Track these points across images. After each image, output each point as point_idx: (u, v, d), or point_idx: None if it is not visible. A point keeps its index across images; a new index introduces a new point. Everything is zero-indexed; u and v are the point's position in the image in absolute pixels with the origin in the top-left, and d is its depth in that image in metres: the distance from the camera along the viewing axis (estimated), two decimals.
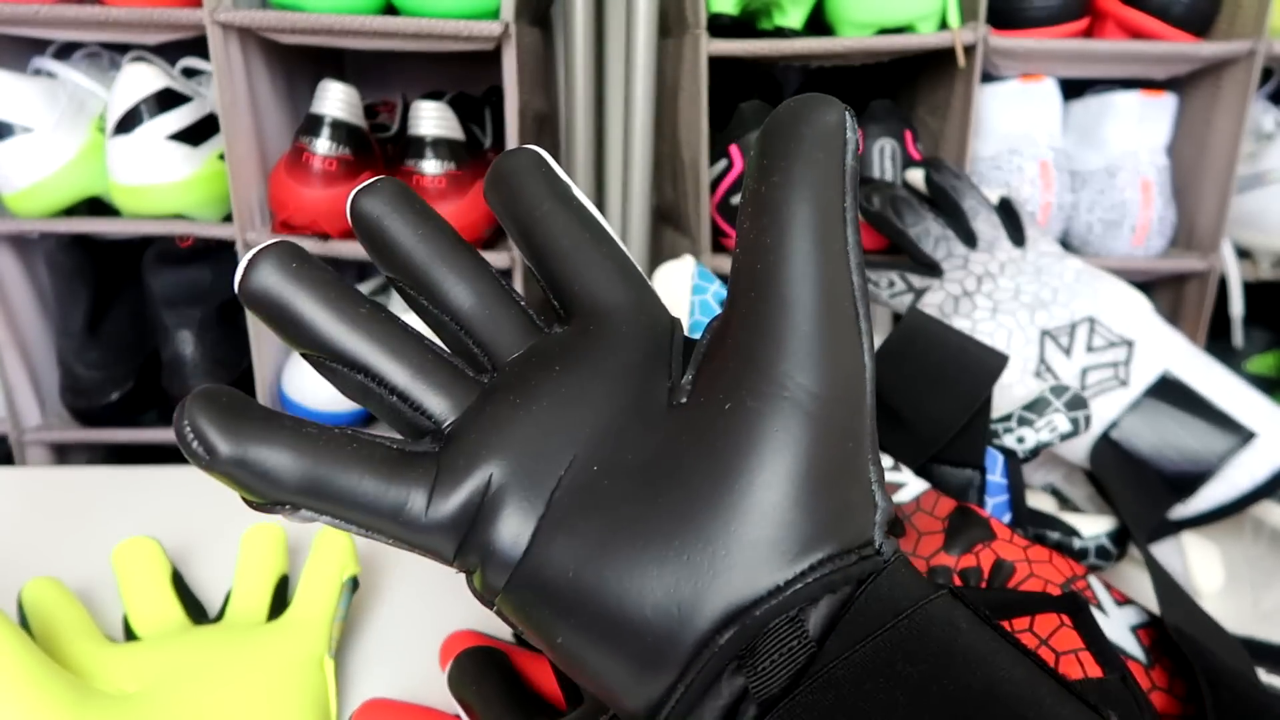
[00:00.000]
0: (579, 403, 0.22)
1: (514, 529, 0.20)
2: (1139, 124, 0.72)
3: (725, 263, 0.72)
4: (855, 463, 0.20)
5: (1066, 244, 0.77)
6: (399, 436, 0.23)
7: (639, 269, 0.24)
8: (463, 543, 0.21)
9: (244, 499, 0.20)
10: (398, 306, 0.75)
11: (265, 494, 0.20)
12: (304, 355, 0.23)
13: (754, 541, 0.19)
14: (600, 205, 0.93)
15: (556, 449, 0.21)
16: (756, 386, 0.20)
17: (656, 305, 0.24)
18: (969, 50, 0.68)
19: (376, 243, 0.24)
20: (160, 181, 0.72)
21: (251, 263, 0.22)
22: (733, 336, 0.21)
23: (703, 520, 0.19)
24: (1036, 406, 0.49)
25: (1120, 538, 0.47)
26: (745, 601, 0.19)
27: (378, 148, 0.77)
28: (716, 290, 0.47)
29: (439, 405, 0.22)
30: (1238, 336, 0.76)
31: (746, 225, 0.21)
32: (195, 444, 0.19)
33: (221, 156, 0.74)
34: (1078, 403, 0.49)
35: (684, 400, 0.21)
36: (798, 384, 0.20)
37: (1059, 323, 0.51)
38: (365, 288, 0.87)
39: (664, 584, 0.19)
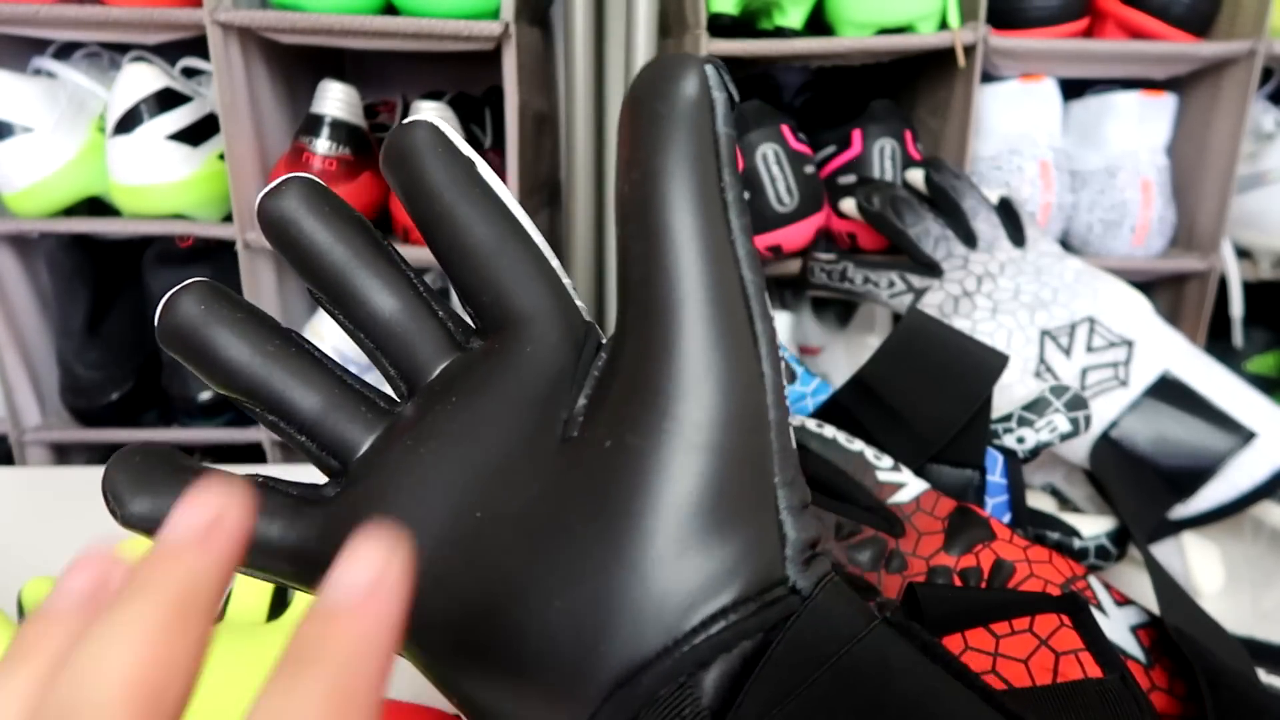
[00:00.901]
0: (469, 441, 0.20)
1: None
2: (1139, 124, 0.72)
3: None
4: (759, 489, 0.18)
5: (1066, 244, 0.77)
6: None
7: (553, 265, 0.22)
8: None
9: None
10: None
11: None
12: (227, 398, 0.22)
13: (640, 598, 0.17)
14: (600, 205, 0.93)
15: (440, 497, 0.19)
16: (639, 420, 0.18)
17: (571, 310, 0.21)
18: (969, 50, 0.68)
19: (288, 248, 0.22)
20: (160, 181, 0.72)
21: (167, 304, 0.21)
22: (620, 358, 0.19)
23: (586, 575, 0.17)
24: (1036, 407, 0.49)
25: (1120, 538, 0.47)
26: (634, 665, 0.17)
27: (377, 148, 0.78)
28: None
29: (345, 444, 0.21)
30: (1238, 336, 0.76)
31: (621, 231, 0.19)
32: (109, 502, 0.20)
33: (221, 156, 0.74)
34: (1078, 403, 0.49)
35: (574, 434, 0.19)
36: (683, 414, 0.18)
37: (1059, 323, 0.51)
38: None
39: (549, 648, 0.17)
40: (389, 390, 0.23)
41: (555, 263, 0.22)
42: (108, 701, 0.13)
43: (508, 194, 0.22)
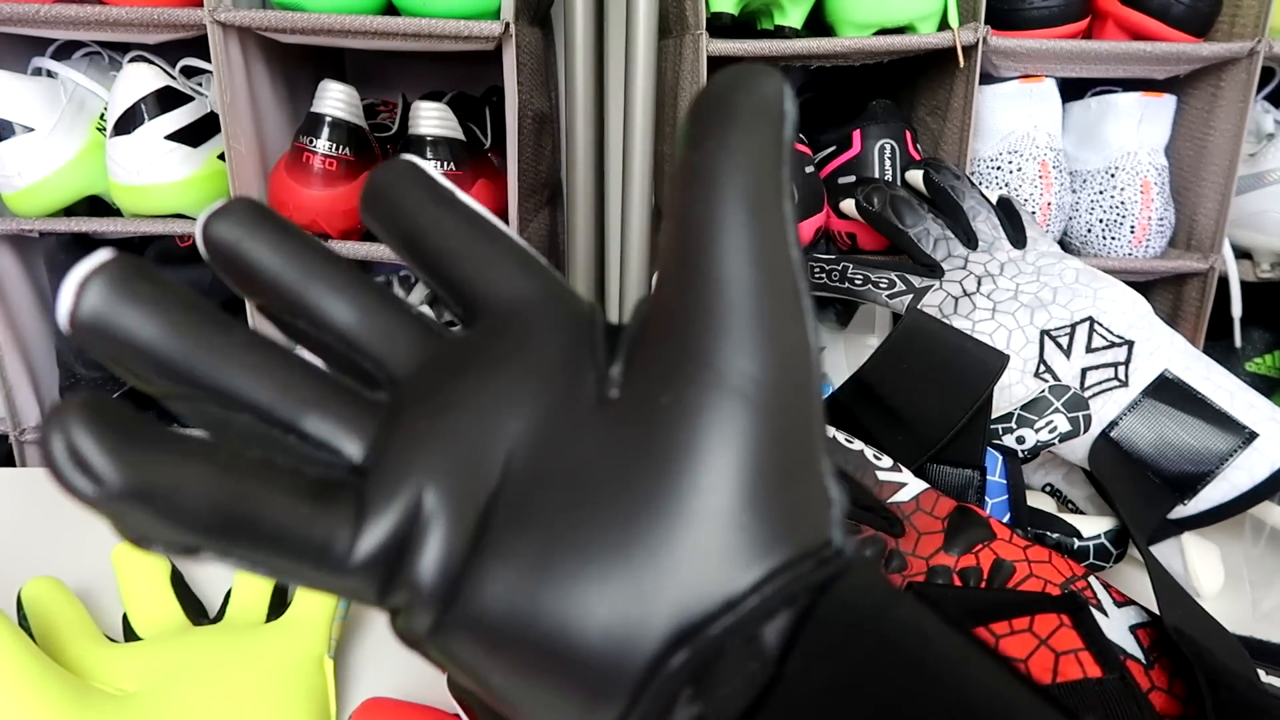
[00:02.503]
0: (502, 408, 0.19)
1: (442, 561, 0.18)
2: (1139, 124, 0.72)
3: None
4: (807, 454, 0.19)
5: (1066, 244, 0.77)
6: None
7: (542, 260, 0.22)
8: (388, 582, 0.18)
9: (123, 535, 0.16)
10: None
11: (162, 536, 0.16)
12: (156, 396, 0.19)
13: (704, 550, 0.17)
14: (600, 205, 0.93)
15: (483, 464, 0.19)
16: (695, 375, 0.18)
17: (567, 293, 0.22)
18: (969, 50, 0.68)
19: (237, 272, 0.21)
20: (160, 181, 0.72)
21: (82, 286, 0.18)
22: (666, 320, 0.19)
23: (647, 529, 0.17)
24: (1036, 407, 0.49)
25: (1120, 538, 0.47)
26: (697, 619, 0.17)
27: (378, 148, 0.77)
28: None
29: (343, 438, 0.19)
30: (1238, 336, 0.76)
31: (678, 198, 0.20)
32: (74, 472, 0.15)
33: (221, 156, 0.74)
34: (1077, 403, 0.49)
35: (615, 394, 0.19)
36: (740, 370, 0.18)
37: (1058, 323, 0.51)
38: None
39: (609, 604, 0.17)
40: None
41: (545, 261, 0.22)
42: None
43: (489, 213, 0.22)
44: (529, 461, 0.19)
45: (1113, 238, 0.73)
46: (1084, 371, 0.49)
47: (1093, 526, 0.47)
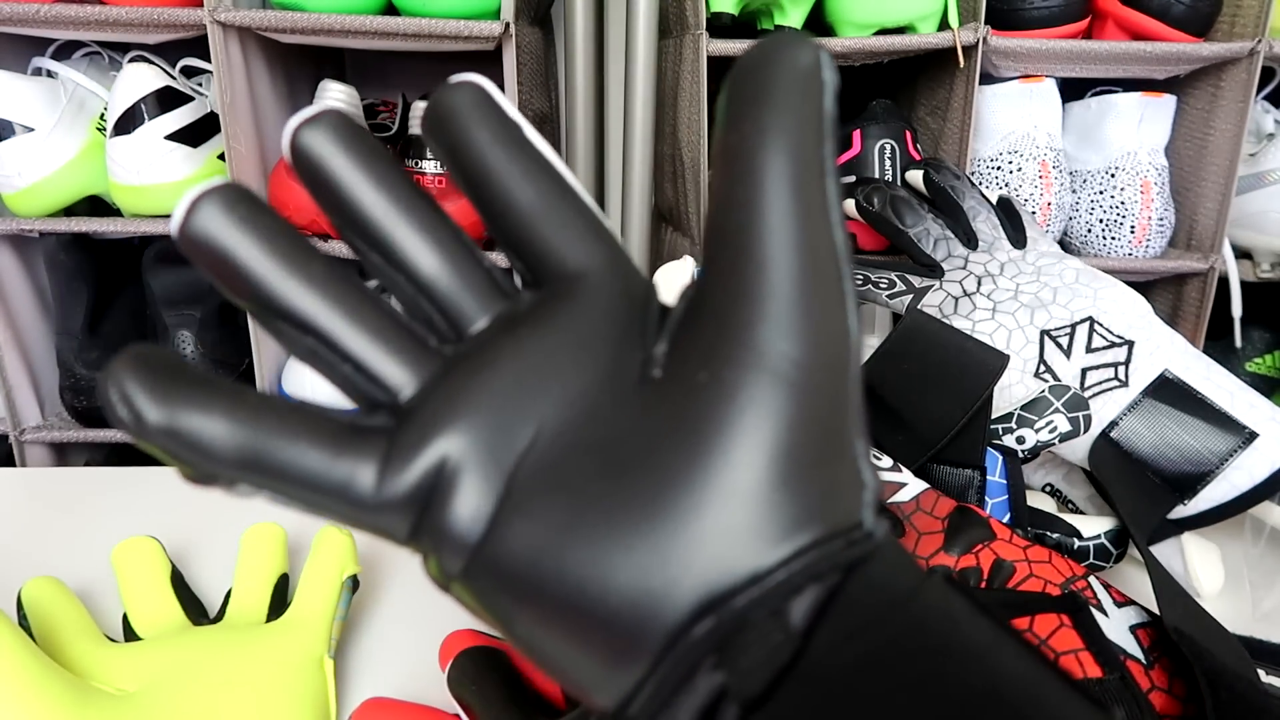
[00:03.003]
0: (544, 373, 0.20)
1: (470, 511, 0.19)
2: (1139, 125, 0.72)
3: None
4: (842, 436, 0.19)
5: (1066, 244, 0.77)
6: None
7: (607, 225, 0.22)
8: (417, 524, 0.19)
9: (179, 471, 0.19)
10: None
11: (198, 465, 0.18)
12: (246, 308, 0.20)
13: (732, 525, 0.17)
14: (600, 205, 0.93)
15: (519, 423, 0.19)
16: (733, 355, 0.18)
17: (630, 268, 0.22)
18: (969, 50, 0.68)
19: (322, 188, 0.21)
20: (160, 181, 0.72)
21: (194, 205, 0.19)
22: (708, 301, 0.20)
23: (676, 502, 0.18)
24: (1036, 407, 0.49)
25: (1120, 538, 0.47)
26: (722, 590, 0.17)
27: None
28: None
29: (396, 376, 0.20)
30: (1238, 336, 0.76)
31: (718, 179, 0.19)
32: (122, 410, 0.18)
33: (221, 156, 0.74)
34: (1077, 403, 0.49)
35: (657, 373, 0.20)
36: (779, 351, 0.18)
37: (1059, 323, 0.51)
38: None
39: (632, 571, 0.17)
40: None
41: (612, 225, 0.22)
42: None
43: (556, 156, 0.21)
44: (564, 429, 0.19)
45: (1113, 238, 0.73)
46: (1084, 371, 0.49)
47: (1093, 526, 0.47)
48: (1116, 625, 0.36)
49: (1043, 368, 0.50)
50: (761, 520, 0.17)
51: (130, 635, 0.40)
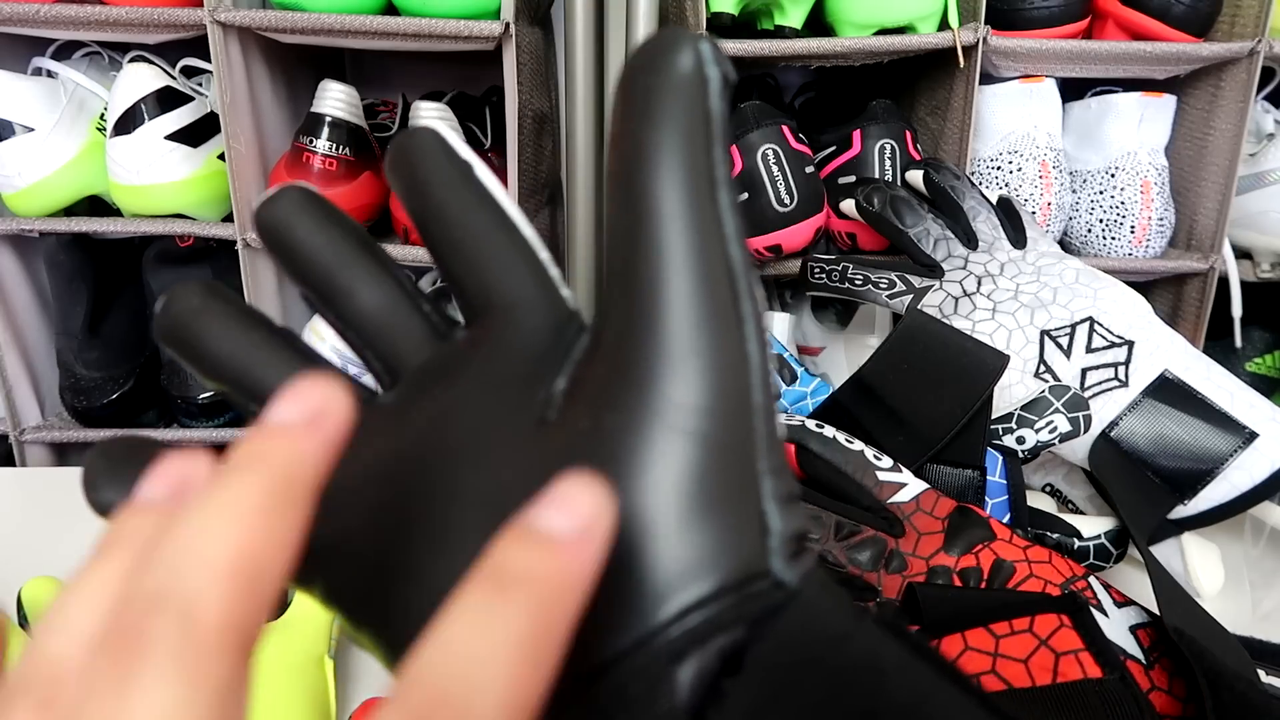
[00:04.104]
0: (445, 425, 0.20)
1: (356, 577, 0.19)
2: (1139, 124, 0.72)
3: None
4: (742, 478, 0.17)
5: (1066, 244, 0.77)
6: None
7: (540, 256, 0.22)
8: (319, 585, 0.20)
9: None
10: None
11: None
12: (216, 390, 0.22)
13: (610, 587, 0.16)
14: (601, 205, 0.93)
15: (413, 481, 0.19)
16: (617, 400, 0.17)
17: (553, 298, 0.21)
18: (969, 50, 0.68)
19: (283, 252, 0.22)
20: (160, 181, 0.72)
21: (165, 303, 0.22)
22: (604, 339, 0.19)
23: None
24: (1036, 407, 0.49)
25: (1120, 538, 0.47)
26: (605, 659, 0.16)
27: (378, 148, 0.77)
28: None
29: None
30: (1238, 337, 0.76)
31: (609, 205, 0.19)
32: (84, 491, 0.20)
33: (221, 156, 0.74)
34: (1077, 403, 0.49)
35: (553, 415, 0.19)
36: (666, 396, 0.17)
37: (1059, 323, 0.51)
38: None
39: None
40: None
41: (544, 254, 0.22)
42: (204, 585, 0.12)
43: (502, 192, 0.22)
44: (456, 483, 0.19)
45: (1113, 238, 0.73)
46: (1084, 371, 0.49)
47: (1093, 526, 0.47)
48: (1116, 625, 0.36)
49: (1043, 368, 0.50)
50: (643, 580, 0.16)
51: None
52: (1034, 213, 0.71)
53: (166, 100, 0.72)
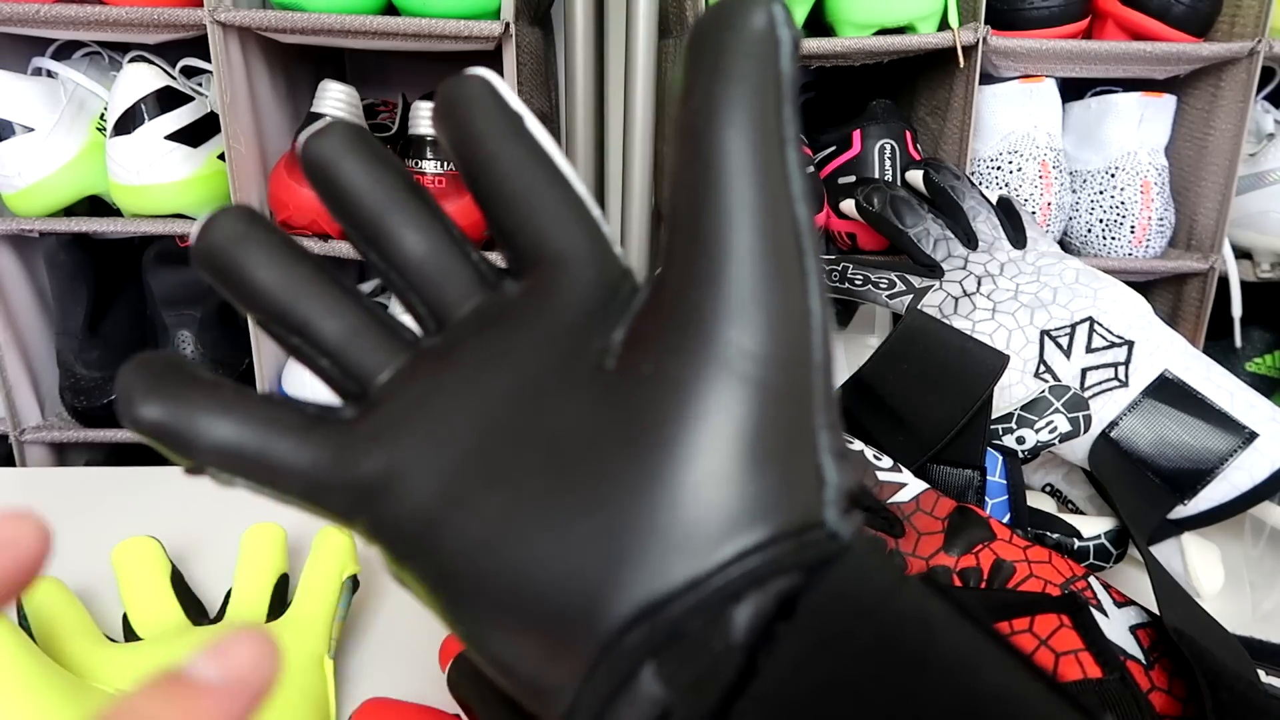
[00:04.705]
0: (498, 366, 0.20)
1: (411, 507, 0.19)
2: (1139, 125, 0.72)
3: None
4: (800, 429, 0.17)
5: (1066, 244, 0.77)
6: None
7: (592, 211, 0.22)
8: (366, 518, 0.20)
9: (180, 464, 0.20)
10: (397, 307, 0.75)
11: (181, 457, 0.20)
12: (251, 319, 0.22)
13: (668, 527, 0.16)
14: (600, 205, 0.93)
15: (464, 419, 0.19)
16: (682, 346, 0.18)
17: (607, 253, 0.21)
18: (969, 50, 0.68)
19: (328, 190, 0.22)
20: (160, 181, 0.72)
21: (206, 225, 0.21)
22: (665, 288, 0.19)
23: (613, 501, 0.17)
24: (1036, 407, 0.49)
25: (1120, 538, 0.47)
26: (659, 596, 0.16)
27: None
28: None
29: (366, 369, 0.21)
30: (1238, 336, 0.76)
31: (675, 159, 0.19)
32: (123, 405, 0.19)
33: (221, 156, 0.74)
34: (1077, 403, 0.49)
35: (611, 363, 0.19)
36: (730, 341, 0.17)
37: (1058, 323, 0.51)
38: (365, 288, 0.87)
39: (568, 571, 0.17)
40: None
41: (596, 211, 0.22)
42: None
43: (554, 146, 0.22)
44: (511, 421, 0.19)
45: (1113, 238, 0.73)
46: (1084, 371, 0.49)
47: (1093, 526, 0.47)
48: (1116, 625, 0.36)
49: (1043, 368, 0.50)
50: (703, 518, 0.17)
51: (130, 635, 0.40)
52: (1034, 213, 0.71)
53: (166, 100, 0.72)
